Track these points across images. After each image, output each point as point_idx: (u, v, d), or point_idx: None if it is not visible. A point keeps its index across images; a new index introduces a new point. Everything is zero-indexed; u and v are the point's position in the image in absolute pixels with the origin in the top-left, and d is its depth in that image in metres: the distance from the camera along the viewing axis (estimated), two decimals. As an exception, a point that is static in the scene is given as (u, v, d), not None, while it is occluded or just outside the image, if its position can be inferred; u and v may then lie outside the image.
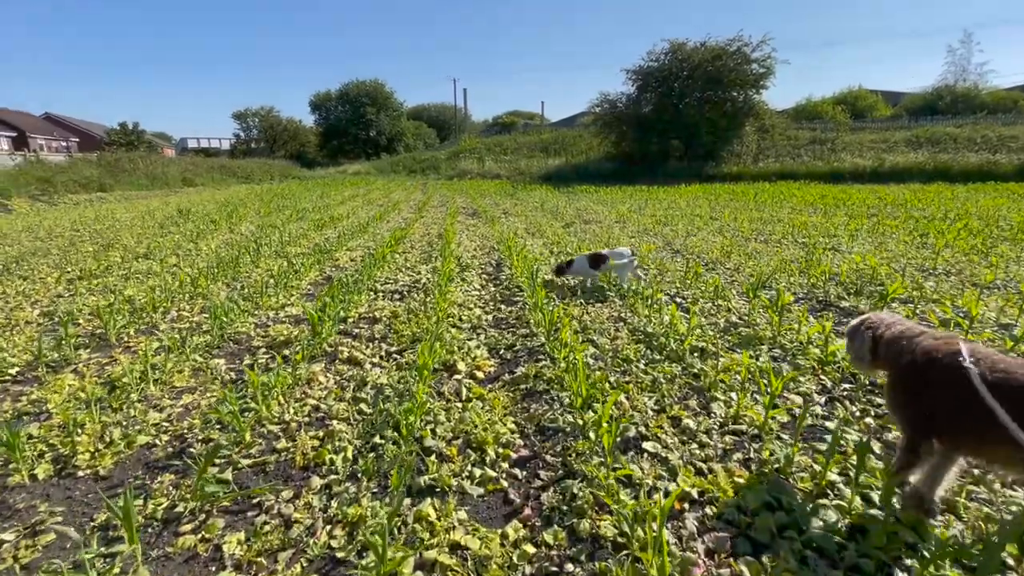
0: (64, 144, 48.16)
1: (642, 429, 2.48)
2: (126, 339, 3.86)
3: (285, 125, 56.84)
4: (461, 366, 3.21)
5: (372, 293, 5.06)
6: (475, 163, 32.72)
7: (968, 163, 20.30)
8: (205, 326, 4.03)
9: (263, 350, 3.63)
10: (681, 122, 25.80)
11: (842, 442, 2.26)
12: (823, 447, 2.23)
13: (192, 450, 2.41)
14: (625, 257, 4.88)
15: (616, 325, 4.01)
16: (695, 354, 3.35)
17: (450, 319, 4.15)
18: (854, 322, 2.06)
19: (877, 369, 2.02)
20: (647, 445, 2.34)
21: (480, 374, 3.15)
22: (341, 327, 4.07)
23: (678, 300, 4.66)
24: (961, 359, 1.62)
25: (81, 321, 4.26)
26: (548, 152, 33.86)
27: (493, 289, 5.20)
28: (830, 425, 2.49)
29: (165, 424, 2.64)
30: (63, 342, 3.51)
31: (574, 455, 2.29)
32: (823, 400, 2.79)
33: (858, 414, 2.63)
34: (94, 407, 2.68)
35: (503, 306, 4.59)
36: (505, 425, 2.55)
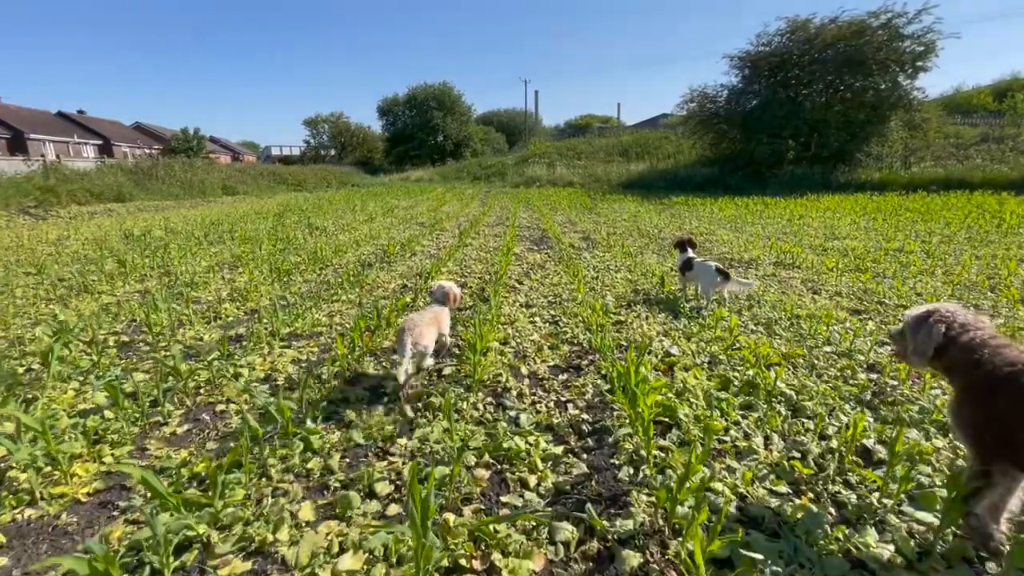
0: (148, 151, 49.66)
1: None
2: None
3: (354, 131, 56.05)
4: None
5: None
6: (545, 169, 28.87)
7: None
8: None
9: None
10: (801, 117, 20.58)
11: None
12: None
13: None
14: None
15: None
16: None
17: None
18: (919, 310, 1.75)
19: (933, 369, 1.74)
20: None
21: None
22: None
23: None
24: None
25: None
26: (628, 156, 29.47)
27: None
28: None
29: None
30: None
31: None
32: None
33: None
34: None
35: None
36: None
